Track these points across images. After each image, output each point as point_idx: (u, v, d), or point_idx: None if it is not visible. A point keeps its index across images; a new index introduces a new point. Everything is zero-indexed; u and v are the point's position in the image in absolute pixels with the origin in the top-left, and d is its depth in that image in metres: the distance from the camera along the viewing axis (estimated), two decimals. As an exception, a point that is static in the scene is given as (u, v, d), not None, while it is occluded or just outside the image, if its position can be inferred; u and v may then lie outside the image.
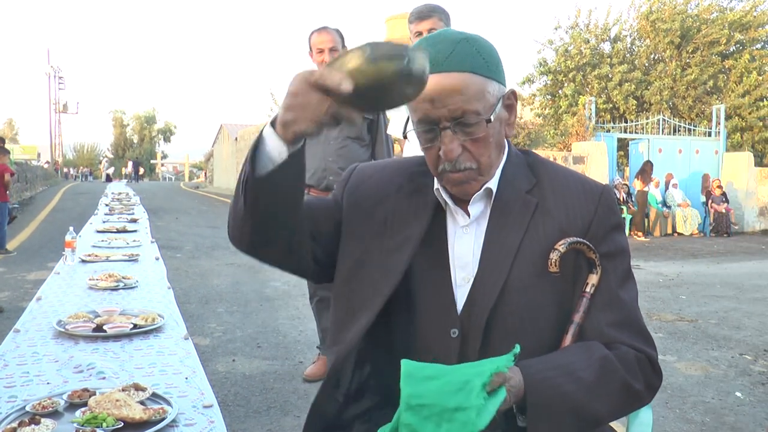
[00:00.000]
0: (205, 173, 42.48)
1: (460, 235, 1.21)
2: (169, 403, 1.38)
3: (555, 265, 1.14)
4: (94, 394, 1.39)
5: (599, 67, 17.00)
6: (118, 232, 4.54)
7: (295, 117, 1.00)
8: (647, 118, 15.28)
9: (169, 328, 2.04)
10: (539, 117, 18.58)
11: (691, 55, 17.13)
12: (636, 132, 14.92)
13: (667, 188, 13.89)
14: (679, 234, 13.28)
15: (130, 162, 44.58)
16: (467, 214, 1.21)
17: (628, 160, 15.64)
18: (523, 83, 18.30)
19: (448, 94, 1.10)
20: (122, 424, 1.27)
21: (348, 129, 3.50)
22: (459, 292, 1.19)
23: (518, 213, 1.19)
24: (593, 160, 13.35)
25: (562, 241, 1.15)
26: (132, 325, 1.99)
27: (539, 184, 1.22)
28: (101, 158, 58.01)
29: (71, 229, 3.39)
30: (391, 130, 3.67)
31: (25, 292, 6.05)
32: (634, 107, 16.65)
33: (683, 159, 14.43)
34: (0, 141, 10.01)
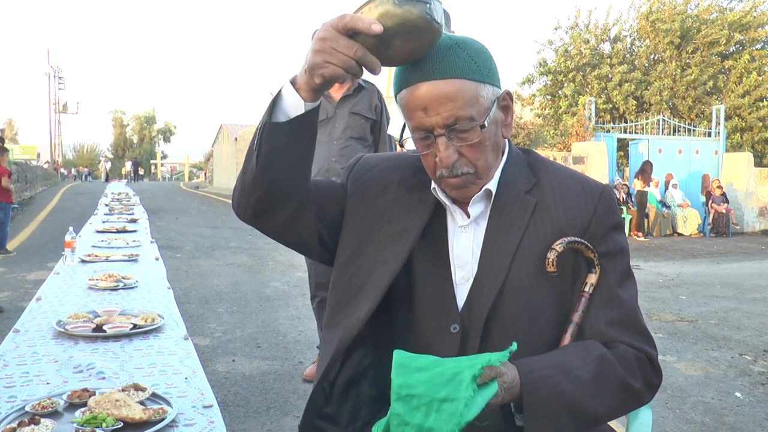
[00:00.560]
0: (205, 173, 42.49)
1: (459, 234, 1.22)
2: (168, 404, 1.38)
3: (552, 265, 1.14)
4: (94, 394, 1.39)
5: (599, 68, 17.01)
6: (118, 232, 4.54)
7: (323, 60, 1.02)
8: (647, 119, 15.28)
9: (168, 329, 2.04)
10: (539, 117, 18.58)
11: (691, 56, 17.14)
12: (636, 132, 14.92)
13: (666, 188, 13.89)
14: (679, 234, 13.29)
15: (128, 162, 44.60)
16: (467, 213, 1.21)
17: (627, 161, 15.65)
18: (523, 83, 18.31)
19: (441, 101, 1.09)
20: (122, 424, 1.27)
21: (351, 130, 3.50)
22: (459, 290, 1.20)
23: (517, 213, 1.19)
24: (593, 161, 13.35)
25: (560, 241, 1.15)
26: (132, 325, 1.99)
27: (539, 184, 1.22)
28: (101, 158, 58.02)
29: (71, 229, 3.39)
30: (392, 131, 3.67)
31: (25, 292, 6.05)
32: (633, 107, 16.66)
33: (683, 159, 14.44)
34: None
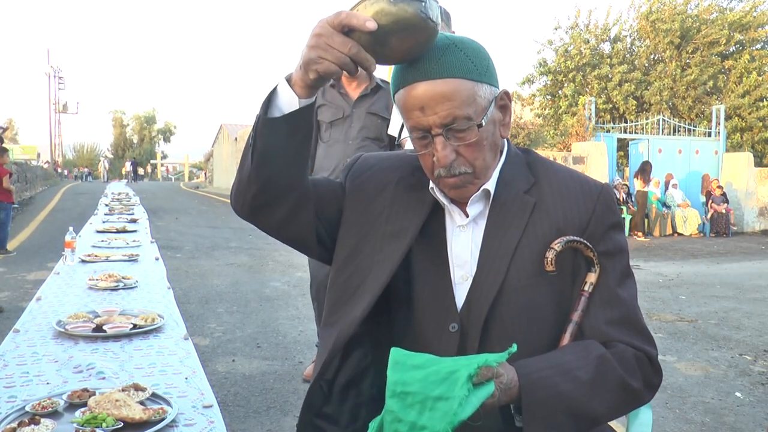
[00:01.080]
0: (205, 173, 42.49)
1: (458, 234, 1.22)
2: (168, 404, 1.38)
3: (551, 264, 1.14)
4: (94, 394, 1.39)
5: (599, 68, 17.01)
6: (118, 232, 4.54)
7: (318, 56, 1.03)
8: (647, 119, 15.28)
9: (168, 329, 2.04)
10: (539, 117, 18.58)
11: (691, 56, 17.14)
12: (636, 132, 14.92)
13: (666, 188, 13.89)
14: (679, 234, 13.29)
15: (128, 162, 44.59)
16: (465, 213, 1.21)
17: (627, 161, 15.65)
18: (523, 83, 18.30)
19: (438, 101, 1.10)
20: (122, 424, 1.27)
21: (367, 130, 3.51)
22: (458, 290, 1.20)
23: (516, 213, 1.19)
24: (593, 161, 13.35)
25: (559, 240, 1.15)
26: (132, 325, 1.99)
27: (538, 183, 1.22)
28: (101, 158, 58.00)
29: (71, 229, 3.39)
30: (392, 131, 3.67)
31: (25, 292, 6.05)
32: (633, 107, 16.66)
33: (683, 159, 14.44)
34: None
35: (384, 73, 3.53)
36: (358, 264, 1.23)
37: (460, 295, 1.19)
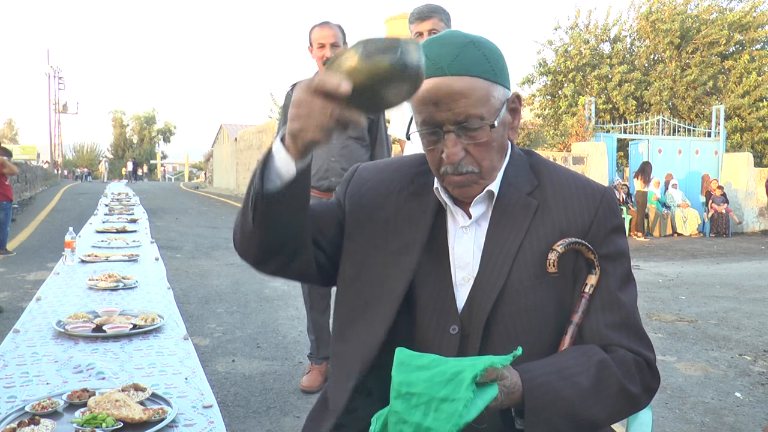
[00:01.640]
0: (205, 173, 42.49)
1: (460, 235, 1.21)
2: (168, 404, 1.39)
3: (553, 266, 1.14)
4: (94, 394, 1.39)
5: (599, 68, 17.02)
6: (118, 232, 4.54)
7: (301, 126, 1.01)
8: (647, 119, 15.29)
9: (168, 329, 2.04)
10: (539, 117, 18.59)
11: (691, 56, 17.15)
12: (636, 132, 14.92)
13: (666, 189, 13.90)
14: (679, 234, 13.30)
15: (129, 162, 44.60)
16: (468, 214, 1.21)
17: (627, 161, 15.65)
18: (523, 84, 18.32)
19: (453, 97, 1.09)
20: (122, 424, 1.28)
21: (350, 130, 3.48)
22: (459, 292, 1.20)
23: (519, 215, 1.19)
24: (593, 161, 13.36)
25: (561, 242, 1.15)
26: (131, 326, 1.99)
27: (540, 185, 1.22)
28: (101, 158, 58.00)
29: (71, 229, 3.39)
30: (392, 131, 3.67)
31: (25, 293, 6.05)
32: (633, 108, 16.66)
33: (683, 159, 14.44)
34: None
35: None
36: (367, 280, 1.22)
37: (461, 297, 1.19)
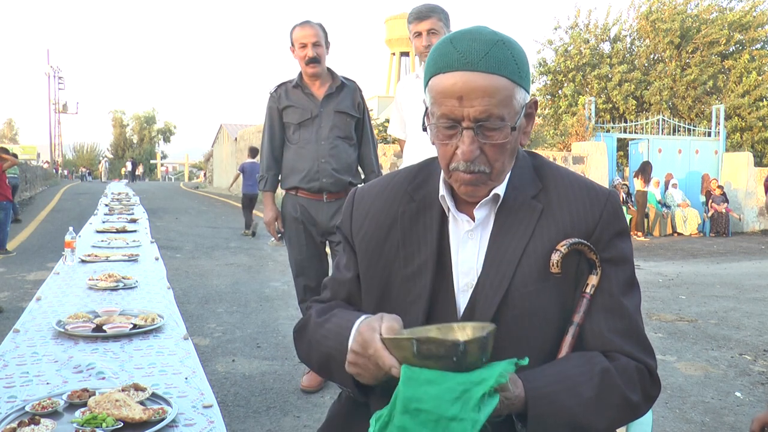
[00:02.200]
0: (205, 173, 42.48)
1: (465, 240, 1.21)
2: (168, 404, 1.38)
3: (557, 266, 1.14)
4: (94, 394, 1.39)
5: (599, 67, 17.01)
6: (118, 232, 4.54)
7: (357, 372, 1.12)
8: (647, 118, 15.28)
9: (168, 329, 2.04)
10: (539, 117, 18.57)
11: (691, 55, 17.14)
12: (636, 132, 14.92)
13: (666, 188, 13.90)
14: (679, 234, 13.30)
15: (128, 162, 44.59)
16: (471, 217, 1.21)
17: (627, 160, 15.64)
18: (523, 83, 18.26)
19: (478, 95, 1.08)
20: (122, 424, 1.27)
21: (338, 129, 3.46)
22: (461, 297, 1.19)
23: (523, 218, 1.18)
24: (593, 160, 13.36)
25: (564, 242, 1.15)
26: (132, 326, 1.99)
27: (545, 188, 1.21)
28: (101, 158, 57.97)
29: (71, 229, 3.39)
30: (390, 130, 3.66)
31: (25, 293, 6.05)
32: (633, 107, 16.66)
33: (683, 159, 14.44)
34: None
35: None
36: (389, 310, 1.21)
37: (463, 303, 1.19)
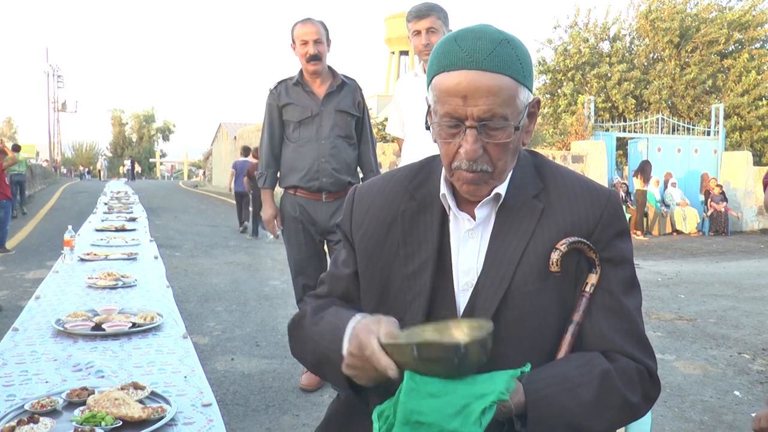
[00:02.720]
0: (204, 172, 42.47)
1: (465, 239, 1.21)
2: (167, 402, 1.39)
3: (556, 265, 1.14)
4: (93, 392, 1.39)
5: (598, 66, 17.00)
6: (117, 230, 4.54)
7: (354, 374, 1.12)
8: (646, 117, 15.28)
9: (168, 327, 2.04)
10: (538, 116, 18.52)
11: (690, 55, 17.14)
12: (635, 131, 14.92)
13: (666, 187, 13.90)
14: (678, 233, 13.30)
15: (127, 160, 44.54)
16: (472, 216, 1.20)
17: (627, 159, 15.64)
18: (522, 82, 18.25)
19: (482, 94, 1.08)
20: (121, 422, 1.27)
21: (339, 128, 3.46)
22: (461, 297, 1.19)
23: (524, 218, 1.18)
24: (592, 159, 13.35)
25: (564, 241, 1.15)
26: (131, 324, 1.99)
27: (546, 188, 1.21)
28: (100, 157, 57.93)
29: (70, 227, 3.38)
30: (389, 129, 3.66)
31: (24, 291, 6.04)
32: (633, 106, 16.65)
33: (682, 158, 14.44)
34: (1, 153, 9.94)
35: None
36: (389, 308, 1.22)
37: (462, 303, 1.19)
